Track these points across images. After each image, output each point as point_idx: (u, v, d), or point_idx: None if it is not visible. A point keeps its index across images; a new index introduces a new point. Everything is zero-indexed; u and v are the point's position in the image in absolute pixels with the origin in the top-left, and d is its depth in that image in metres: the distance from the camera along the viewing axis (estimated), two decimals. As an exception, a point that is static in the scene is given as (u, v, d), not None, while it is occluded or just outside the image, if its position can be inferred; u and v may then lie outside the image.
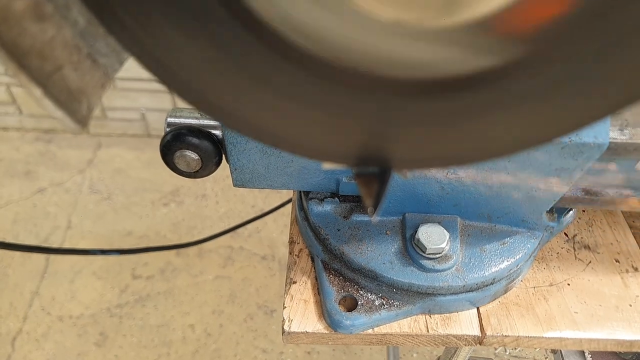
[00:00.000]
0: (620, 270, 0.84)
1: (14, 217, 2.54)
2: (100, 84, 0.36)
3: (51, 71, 0.31)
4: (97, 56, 0.36)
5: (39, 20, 0.30)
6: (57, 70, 0.32)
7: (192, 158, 0.68)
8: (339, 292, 0.76)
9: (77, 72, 0.34)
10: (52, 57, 0.31)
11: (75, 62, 0.34)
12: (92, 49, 0.35)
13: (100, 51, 0.36)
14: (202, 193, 2.69)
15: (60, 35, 0.32)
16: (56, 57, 0.32)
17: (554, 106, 0.37)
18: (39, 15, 0.30)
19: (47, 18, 0.31)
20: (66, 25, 0.32)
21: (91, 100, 0.35)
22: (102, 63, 0.36)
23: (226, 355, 2.04)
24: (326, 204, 0.80)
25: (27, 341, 2.07)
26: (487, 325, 0.75)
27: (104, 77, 0.37)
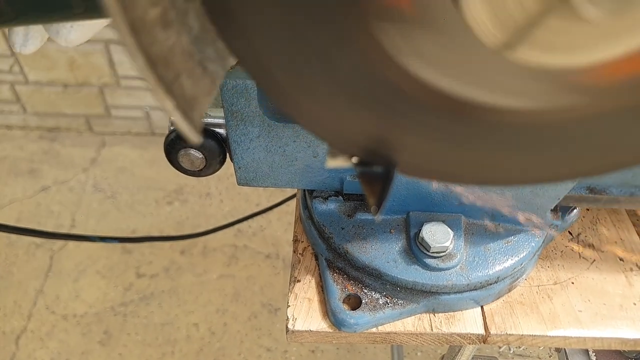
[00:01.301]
0: (625, 269, 0.83)
1: (17, 215, 2.55)
2: (208, 92, 0.36)
3: (172, 79, 0.31)
4: (207, 63, 0.35)
5: (165, 27, 0.30)
6: (176, 78, 0.31)
7: (196, 156, 0.68)
8: (343, 290, 0.76)
9: (191, 80, 0.33)
10: (173, 65, 0.31)
11: (190, 70, 0.33)
12: (203, 56, 0.35)
13: (210, 57, 0.35)
14: (206, 191, 2.69)
15: (179, 41, 0.32)
16: (176, 65, 0.31)
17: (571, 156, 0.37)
18: (166, 21, 0.30)
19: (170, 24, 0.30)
20: (184, 31, 0.32)
21: (202, 109, 0.35)
22: (210, 70, 0.36)
23: (230, 353, 2.05)
24: (330, 203, 0.80)
25: (32, 340, 2.08)
26: (491, 324, 0.75)
27: (211, 84, 0.36)
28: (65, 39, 0.58)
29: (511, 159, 0.40)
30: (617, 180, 0.77)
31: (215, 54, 0.36)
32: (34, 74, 2.80)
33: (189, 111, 0.32)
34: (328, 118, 0.40)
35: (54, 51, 2.67)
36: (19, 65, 2.76)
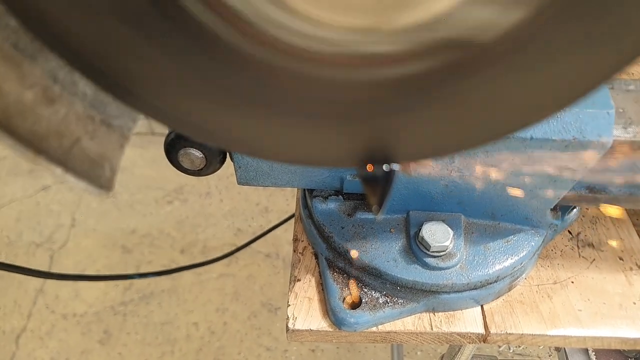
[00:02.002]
0: (624, 268, 0.83)
1: (17, 215, 2.55)
2: (119, 145, 0.37)
3: (70, 146, 0.32)
4: (111, 120, 0.36)
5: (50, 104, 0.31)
6: (75, 143, 0.32)
7: (196, 156, 0.68)
8: (343, 289, 0.76)
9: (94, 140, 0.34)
10: (69, 133, 0.32)
11: (91, 131, 0.34)
12: (105, 115, 0.35)
13: (113, 114, 0.36)
14: (206, 191, 2.69)
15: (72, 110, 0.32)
16: (72, 132, 0.32)
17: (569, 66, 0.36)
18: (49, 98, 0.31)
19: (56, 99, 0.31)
20: (75, 99, 0.33)
21: (113, 162, 0.36)
22: (116, 125, 0.37)
23: (230, 353, 2.05)
24: (330, 202, 0.80)
25: (31, 339, 2.08)
26: (491, 323, 0.75)
27: (121, 138, 0.37)
28: None
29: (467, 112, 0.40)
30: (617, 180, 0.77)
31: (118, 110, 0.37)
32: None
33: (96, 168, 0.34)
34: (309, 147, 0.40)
35: (53, 50, 2.66)
36: (19, 64, 2.75)
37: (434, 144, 0.43)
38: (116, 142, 0.37)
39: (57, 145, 0.31)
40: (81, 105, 0.33)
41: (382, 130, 0.40)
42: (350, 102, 0.37)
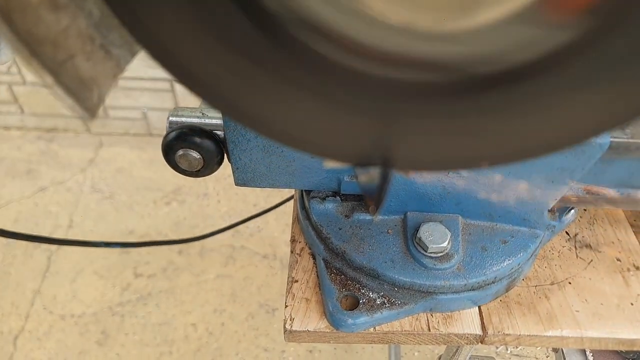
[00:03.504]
0: (622, 269, 0.84)
1: (15, 216, 2.55)
2: (112, 74, 0.36)
3: (63, 60, 0.31)
4: (111, 47, 0.36)
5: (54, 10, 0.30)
6: (69, 58, 0.32)
7: (194, 157, 0.68)
8: (341, 290, 0.76)
9: (89, 62, 0.34)
10: (65, 46, 0.32)
11: (88, 52, 0.34)
12: (106, 40, 0.35)
13: (114, 42, 0.36)
14: (203, 192, 2.69)
15: (74, 25, 0.32)
16: (69, 46, 0.32)
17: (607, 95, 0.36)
18: (55, 4, 0.30)
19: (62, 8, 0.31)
20: (81, 15, 0.33)
21: (102, 90, 0.35)
22: (115, 54, 0.36)
23: (228, 354, 2.05)
24: (328, 203, 0.80)
25: (29, 340, 2.07)
26: (488, 324, 0.75)
27: (116, 67, 0.37)
28: None
29: (495, 131, 0.40)
30: (614, 181, 0.77)
31: (120, 40, 0.36)
32: (32, 75, 2.79)
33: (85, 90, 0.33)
34: (306, 132, 0.39)
35: (51, 51, 2.66)
36: (17, 66, 2.75)
37: (441, 157, 0.43)
38: (110, 71, 0.36)
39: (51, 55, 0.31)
40: (84, 23, 0.33)
41: (389, 130, 0.39)
42: (374, 97, 0.36)
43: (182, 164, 0.69)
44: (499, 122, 0.38)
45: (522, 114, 0.37)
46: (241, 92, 0.35)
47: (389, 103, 0.36)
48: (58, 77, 0.31)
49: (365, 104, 0.36)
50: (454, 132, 0.39)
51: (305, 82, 0.35)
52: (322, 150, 0.41)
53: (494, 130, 0.39)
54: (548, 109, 0.36)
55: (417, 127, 0.39)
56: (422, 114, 0.38)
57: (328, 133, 0.39)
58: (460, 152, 0.42)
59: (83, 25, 0.33)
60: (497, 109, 0.37)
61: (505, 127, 0.39)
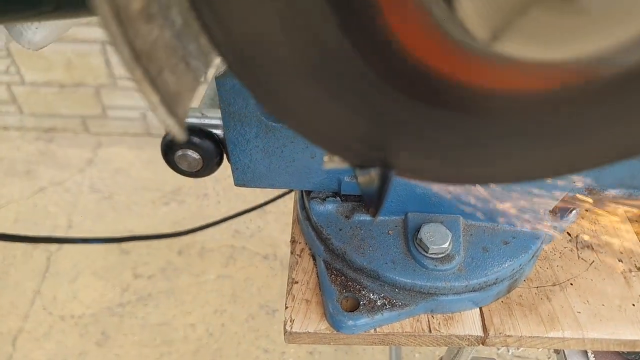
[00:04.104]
0: (624, 270, 0.83)
1: (14, 216, 2.54)
2: (192, 88, 0.35)
3: (155, 75, 0.30)
4: (190, 59, 0.35)
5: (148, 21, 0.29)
6: (159, 73, 0.31)
7: (193, 157, 0.67)
8: (341, 292, 0.75)
9: (174, 76, 0.33)
10: (156, 60, 0.30)
11: (173, 65, 0.33)
12: (186, 51, 0.34)
13: (192, 54, 0.35)
14: (203, 192, 2.69)
15: (161, 36, 0.31)
16: (158, 59, 0.31)
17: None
18: (149, 15, 0.29)
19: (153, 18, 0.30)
20: (166, 25, 0.32)
21: (186, 105, 0.34)
22: (193, 66, 0.35)
23: (227, 355, 2.04)
24: (328, 204, 0.80)
25: (29, 340, 2.07)
26: (489, 325, 0.75)
27: (194, 81, 0.36)
28: (29, 41, 0.55)
29: (511, 152, 0.40)
30: (615, 181, 0.76)
31: (197, 50, 0.35)
32: (30, 75, 2.79)
33: (173, 107, 0.32)
34: (320, 122, 0.39)
35: (50, 52, 2.66)
36: (16, 65, 2.75)
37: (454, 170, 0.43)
38: (190, 84, 0.35)
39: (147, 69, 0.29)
40: (169, 34, 0.32)
41: (391, 133, 0.39)
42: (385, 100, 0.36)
43: (181, 164, 0.68)
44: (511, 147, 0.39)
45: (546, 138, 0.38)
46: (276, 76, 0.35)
47: (401, 104, 0.36)
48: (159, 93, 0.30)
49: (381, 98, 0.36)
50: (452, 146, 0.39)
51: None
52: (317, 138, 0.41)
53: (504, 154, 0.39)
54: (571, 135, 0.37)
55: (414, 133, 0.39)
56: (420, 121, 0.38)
57: (335, 127, 0.39)
58: (453, 168, 0.42)
59: (168, 36, 0.32)
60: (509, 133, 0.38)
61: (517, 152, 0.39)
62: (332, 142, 0.41)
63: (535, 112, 0.36)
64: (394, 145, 0.40)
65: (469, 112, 0.36)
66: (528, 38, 0.29)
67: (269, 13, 0.30)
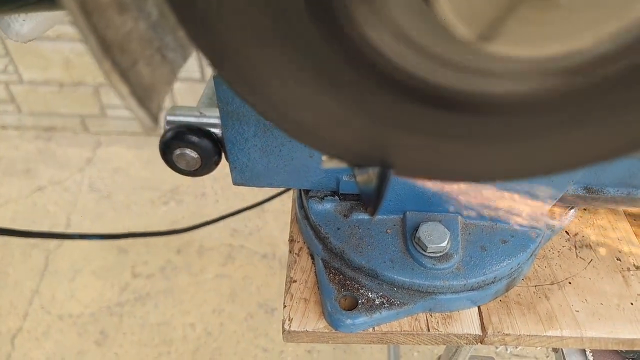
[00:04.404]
0: (622, 269, 0.83)
1: (13, 215, 2.54)
2: (168, 81, 0.35)
3: (128, 66, 0.30)
4: (166, 51, 0.34)
5: (121, 12, 0.29)
6: (133, 65, 0.30)
7: (191, 157, 0.67)
8: (340, 290, 0.75)
9: (149, 68, 0.32)
10: (129, 51, 0.30)
11: (148, 57, 0.32)
12: (162, 43, 0.34)
13: (169, 46, 0.35)
14: (201, 191, 2.69)
15: (136, 27, 0.31)
16: (132, 51, 0.30)
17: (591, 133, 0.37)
18: (121, 6, 0.29)
19: (127, 9, 0.30)
20: (141, 17, 0.31)
21: (160, 98, 0.34)
22: (169, 58, 0.35)
23: (226, 353, 2.04)
24: (326, 203, 0.80)
25: (27, 340, 2.07)
26: (488, 324, 0.75)
27: (170, 73, 0.35)
28: (16, 33, 0.55)
29: (508, 151, 0.40)
30: (614, 180, 0.76)
31: (174, 43, 0.35)
32: (29, 74, 2.79)
33: (146, 99, 0.32)
34: (316, 125, 0.39)
35: (49, 51, 2.66)
36: (14, 64, 2.75)
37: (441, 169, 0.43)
38: (166, 76, 0.35)
39: (119, 60, 0.29)
40: (144, 25, 0.32)
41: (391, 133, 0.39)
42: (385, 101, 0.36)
43: (179, 163, 0.68)
44: (506, 145, 0.39)
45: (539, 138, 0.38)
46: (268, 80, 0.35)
47: (398, 106, 0.36)
48: (130, 85, 0.30)
49: (375, 107, 0.36)
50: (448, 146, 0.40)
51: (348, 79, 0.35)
52: (327, 147, 0.41)
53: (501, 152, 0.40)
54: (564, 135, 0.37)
55: (412, 134, 0.39)
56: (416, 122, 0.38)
57: (335, 129, 0.39)
58: (461, 166, 0.42)
59: (143, 28, 0.32)
60: (507, 132, 0.38)
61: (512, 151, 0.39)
62: (328, 144, 0.41)
63: (531, 110, 0.36)
64: (392, 145, 0.40)
65: (466, 112, 0.36)
66: (519, 36, 0.29)
67: (255, 14, 0.30)
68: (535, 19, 0.28)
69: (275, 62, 0.33)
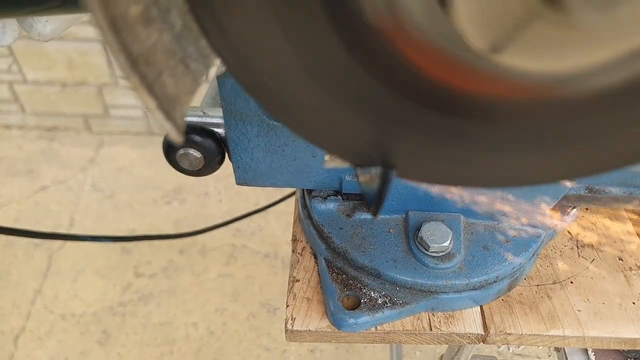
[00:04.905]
0: (624, 269, 0.83)
1: (16, 215, 2.55)
2: (191, 91, 0.35)
3: (154, 78, 0.30)
4: (189, 61, 0.35)
5: (147, 25, 0.29)
6: (158, 76, 0.31)
7: (195, 156, 0.67)
8: (342, 290, 0.75)
9: (173, 78, 0.33)
10: (154, 63, 0.30)
11: (172, 68, 0.33)
12: (185, 54, 0.34)
13: (192, 56, 0.35)
14: (204, 191, 2.69)
15: (161, 39, 0.31)
16: (157, 62, 0.31)
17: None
18: (147, 19, 0.29)
19: (152, 22, 0.30)
20: (165, 28, 0.31)
21: (184, 108, 0.34)
22: (192, 68, 0.35)
23: (229, 353, 2.05)
24: (329, 202, 0.80)
25: (30, 339, 2.07)
26: (490, 324, 0.75)
27: (194, 83, 0.36)
28: (39, 33, 0.57)
29: (511, 158, 0.40)
30: (616, 180, 0.76)
31: (197, 53, 0.35)
32: (33, 74, 2.80)
33: (171, 110, 0.32)
34: (321, 125, 0.39)
35: (52, 50, 2.66)
36: (18, 64, 2.75)
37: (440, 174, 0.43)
38: (189, 86, 0.35)
39: (144, 73, 0.29)
40: (168, 37, 0.32)
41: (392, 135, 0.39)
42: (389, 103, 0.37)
43: (183, 163, 0.69)
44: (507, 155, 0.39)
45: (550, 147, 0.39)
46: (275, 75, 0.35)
47: (402, 109, 0.36)
48: (156, 98, 0.30)
49: (383, 104, 0.36)
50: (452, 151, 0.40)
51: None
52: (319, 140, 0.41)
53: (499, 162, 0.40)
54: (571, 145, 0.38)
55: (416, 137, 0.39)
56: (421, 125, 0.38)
57: (338, 129, 0.39)
58: (454, 171, 0.42)
59: (167, 39, 0.32)
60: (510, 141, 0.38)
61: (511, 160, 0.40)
62: (334, 144, 0.41)
63: (536, 118, 0.36)
64: (395, 147, 0.41)
65: (471, 118, 0.36)
66: (530, 50, 0.29)
67: (270, 22, 0.31)
68: (550, 35, 0.28)
69: (291, 68, 0.34)
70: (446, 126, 0.38)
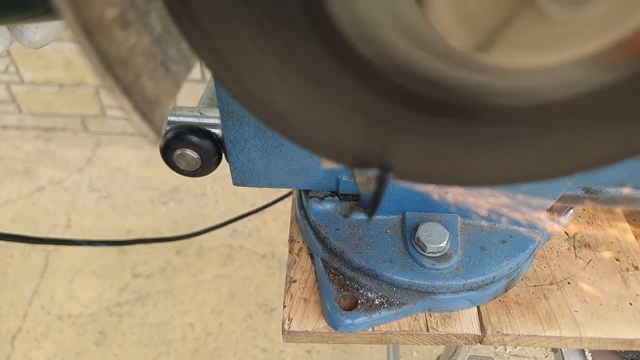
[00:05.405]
0: (621, 269, 0.83)
1: (13, 215, 2.54)
2: (171, 93, 0.35)
3: (131, 81, 0.30)
4: (170, 63, 0.35)
5: (124, 28, 0.29)
6: (136, 79, 0.31)
7: (192, 157, 0.67)
8: (339, 290, 0.75)
9: (152, 81, 0.33)
10: (133, 65, 0.30)
11: (152, 70, 0.33)
12: (166, 56, 0.34)
13: (173, 58, 0.35)
14: (201, 192, 2.69)
15: (139, 42, 0.31)
16: (136, 65, 0.31)
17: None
18: (125, 22, 0.29)
19: (130, 25, 0.30)
20: (145, 32, 0.31)
21: (164, 110, 0.34)
22: (173, 70, 0.35)
23: (226, 354, 2.04)
24: (326, 203, 0.80)
25: (27, 340, 2.07)
26: (487, 324, 0.75)
27: (174, 85, 0.36)
28: (29, 41, 0.57)
29: (507, 156, 0.40)
30: (613, 180, 0.77)
31: (178, 55, 0.35)
32: (30, 74, 2.79)
33: (150, 113, 0.32)
34: (314, 130, 0.39)
35: (49, 51, 2.66)
36: (15, 65, 2.75)
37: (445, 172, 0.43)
38: (170, 89, 0.35)
39: (122, 76, 0.29)
40: (148, 40, 0.32)
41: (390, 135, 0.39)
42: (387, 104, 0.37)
43: (180, 163, 0.69)
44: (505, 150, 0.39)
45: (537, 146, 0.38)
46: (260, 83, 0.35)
47: (397, 112, 0.36)
48: (133, 100, 0.30)
49: (376, 109, 0.36)
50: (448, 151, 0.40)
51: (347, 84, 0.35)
52: (325, 149, 0.41)
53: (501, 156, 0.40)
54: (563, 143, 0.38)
55: (419, 139, 0.39)
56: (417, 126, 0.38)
57: (334, 132, 0.39)
58: (450, 171, 0.42)
59: (147, 42, 0.32)
60: (511, 138, 0.38)
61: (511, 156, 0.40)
62: (329, 149, 0.41)
63: (531, 116, 0.36)
64: (391, 149, 0.40)
65: (466, 118, 0.36)
66: (515, 47, 0.29)
67: (254, 28, 0.31)
68: (531, 31, 0.28)
69: (275, 70, 0.33)
70: (445, 127, 0.38)
